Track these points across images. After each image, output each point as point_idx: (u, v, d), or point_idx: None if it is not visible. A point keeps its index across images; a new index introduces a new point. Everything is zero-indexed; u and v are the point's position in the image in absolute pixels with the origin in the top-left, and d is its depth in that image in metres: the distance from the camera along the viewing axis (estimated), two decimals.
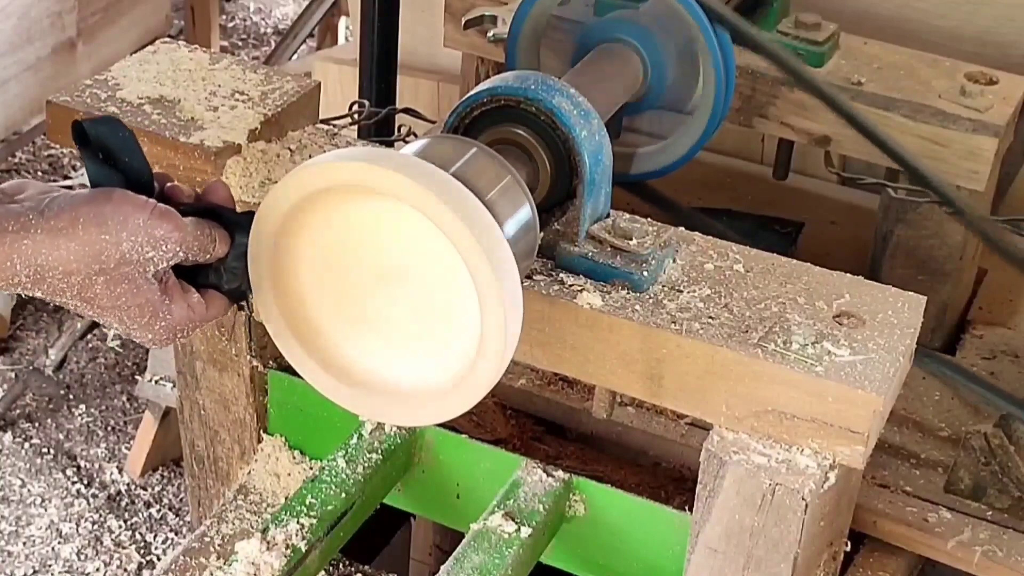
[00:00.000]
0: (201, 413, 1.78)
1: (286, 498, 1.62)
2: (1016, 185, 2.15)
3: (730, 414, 1.36)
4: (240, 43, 4.61)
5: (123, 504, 2.85)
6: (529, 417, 1.82)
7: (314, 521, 1.54)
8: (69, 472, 2.91)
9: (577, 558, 1.62)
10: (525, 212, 1.32)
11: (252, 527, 1.68)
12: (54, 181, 3.68)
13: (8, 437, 2.98)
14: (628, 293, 1.40)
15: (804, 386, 1.31)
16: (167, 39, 1.76)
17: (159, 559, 2.73)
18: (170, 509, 2.84)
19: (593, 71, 1.64)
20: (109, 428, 3.04)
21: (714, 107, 1.71)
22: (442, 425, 1.58)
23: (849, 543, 1.56)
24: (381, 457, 1.63)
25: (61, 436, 3.01)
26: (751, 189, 2.30)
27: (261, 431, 1.76)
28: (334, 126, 1.81)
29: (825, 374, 1.31)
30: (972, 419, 1.81)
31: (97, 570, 2.71)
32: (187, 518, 2.80)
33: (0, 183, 1.23)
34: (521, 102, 1.40)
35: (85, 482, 2.89)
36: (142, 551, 2.75)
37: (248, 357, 1.68)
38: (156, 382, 2.70)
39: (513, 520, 1.52)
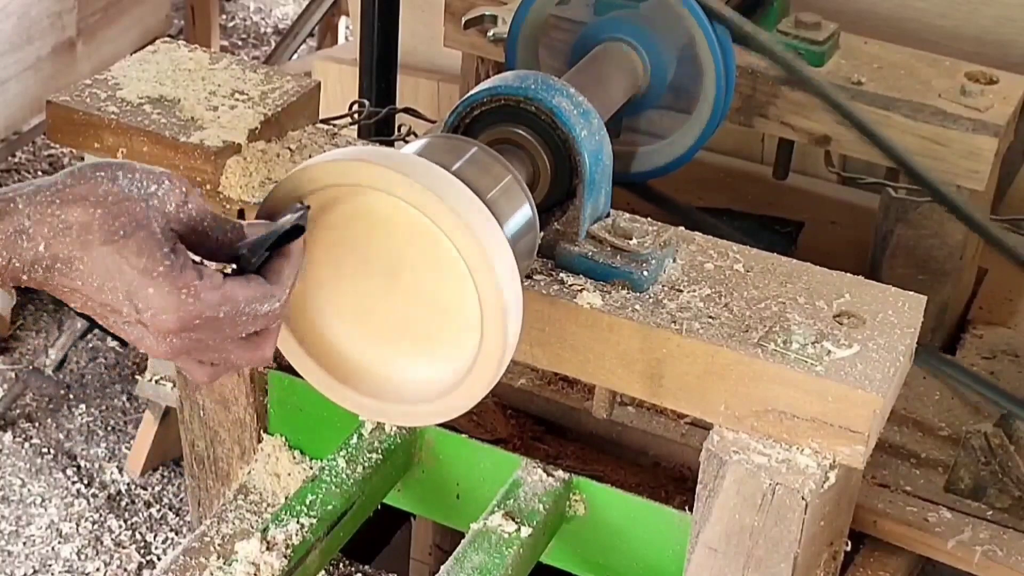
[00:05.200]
0: (201, 413, 1.78)
1: (286, 498, 1.62)
2: (1016, 185, 2.15)
3: (730, 414, 1.36)
4: (240, 43, 4.60)
5: (123, 504, 2.85)
6: (529, 417, 1.82)
7: (314, 521, 1.54)
8: (69, 472, 2.90)
9: (577, 558, 1.62)
10: (525, 212, 1.32)
11: (252, 527, 1.68)
12: None
13: (8, 437, 2.98)
14: (628, 293, 1.40)
15: (804, 386, 1.31)
16: (167, 39, 1.76)
17: (159, 559, 2.73)
18: (170, 509, 2.84)
19: (593, 71, 1.64)
20: (109, 428, 3.03)
21: (714, 107, 1.71)
22: (442, 425, 1.58)
23: (849, 543, 1.56)
24: (381, 457, 1.63)
25: (61, 436, 3.00)
26: (751, 189, 2.30)
27: (261, 431, 1.76)
28: (334, 126, 1.81)
29: (825, 374, 1.31)
30: (972, 419, 1.81)
31: (97, 570, 2.70)
32: (187, 518, 2.79)
33: (0, 182, 1.21)
34: (521, 102, 1.40)
35: (85, 482, 2.89)
36: (142, 551, 2.75)
37: None
38: (156, 382, 2.69)
39: (513, 520, 1.52)
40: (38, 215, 1.08)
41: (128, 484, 2.89)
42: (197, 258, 1.14)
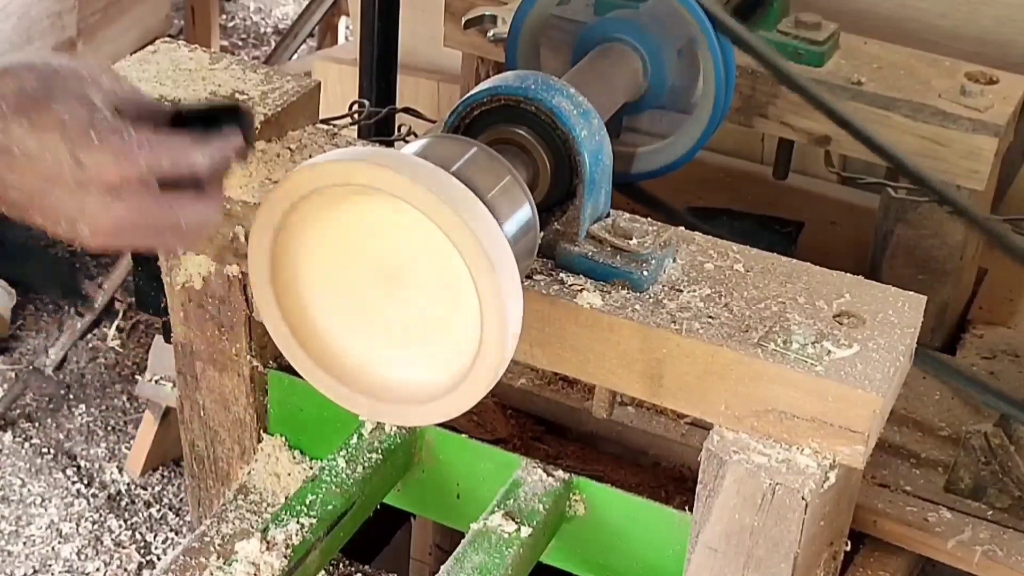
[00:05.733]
0: (201, 413, 1.78)
1: (286, 498, 1.62)
2: (1016, 185, 2.15)
3: (730, 414, 1.36)
4: (240, 43, 4.61)
5: (123, 504, 2.85)
6: (529, 417, 1.82)
7: (314, 521, 1.54)
8: (69, 472, 2.91)
9: (577, 558, 1.62)
10: (525, 212, 1.32)
11: (252, 527, 1.68)
12: None
13: (8, 437, 2.98)
14: (628, 293, 1.40)
15: (804, 386, 1.31)
16: (167, 39, 1.76)
17: (159, 559, 2.73)
18: (170, 509, 2.84)
19: (593, 71, 1.64)
20: (109, 428, 3.04)
21: (714, 107, 1.71)
22: (442, 425, 1.58)
23: (849, 543, 1.56)
24: (381, 457, 1.63)
25: (61, 436, 3.01)
26: (751, 189, 2.30)
27: (261, 431, 1.76)
28: (334, 126, 1.81)
29: (825, 374, 1.31)
30: (972, 419, 1.80)
31: (97, 570, 2.71)
32: (187, 518, 2.80)
33: None
34: (521, 102, 1.40)
35: (85, 482, 2.89)
36: (142, 551, 2.75)
37: (248, 357, 1.68)
38: (156, 382, 2.70)
39: (513, 520, 1.52)
40: None
41: (128, 484, 2.89)
42: None
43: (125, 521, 2.80)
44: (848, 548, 1.56)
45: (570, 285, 1.40)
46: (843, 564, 1.59)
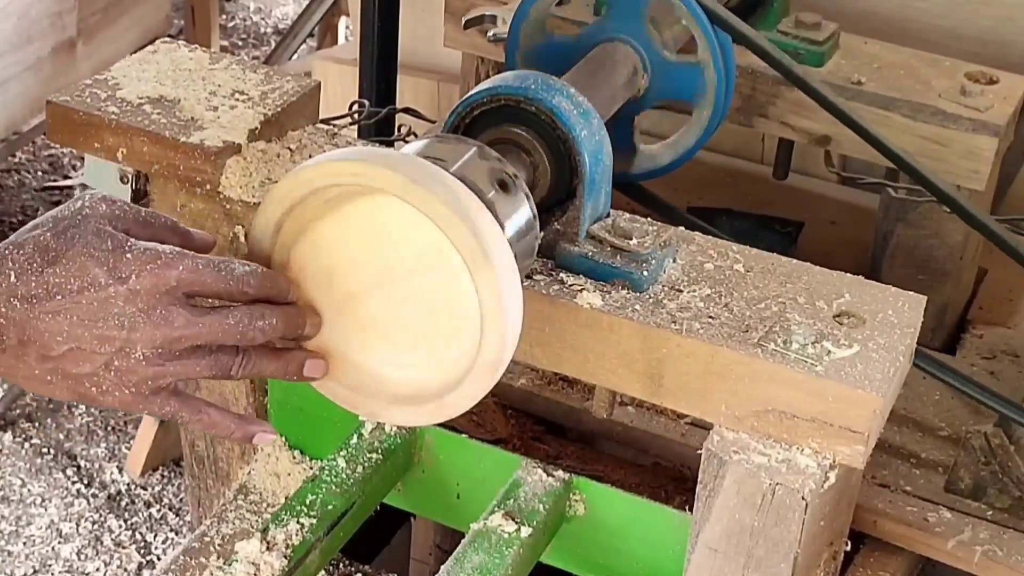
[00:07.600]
0: None
1: (286, 498, 1.62)
2: (1016, 185, 2.15)
3: (730, 414, 1.36)
4: (240, 43, 4.60)
5: (123, 504, 2.85)
6: (529, 417, 1.82)
7: (314, 521, 1.54)
8: (69, 472, 2.90)
9: (577, 558, 1.62)
10: (525, 212, 1.32)
11: (252, 527, 1.68)
12: (54, 181, 3.68)
13: (8, 437, 2.98)
14: (628, 293, 1.40)
15: (804, 386, 1.31)
16: (167, 39, 1.76)
17: (159, 559, 2.73)
18: (170, 509, 2.84)
19: (593, 71, 1.64)
20: (109, 428, 3.03)
21: (714, 107, 1.71)
22: (442, 425, 1.58)
23: (849, 543, 1.56)
24: (381, 457, 1.63)
25: (61, 436, 3.00)
26: (751, 189, 2.30)
27: None
28: (334, 126, 1.81)
29: (825, 374, 1.31)
30: (972, 419, 1.81)
31: (97, 570, 2.70)
32: (187, 518, 2.79)
33: (0, 182, 1.22)
34: (521, 102, 1.40)
35: (85, 482, 2.89)
36: (142, 551, 2.75)
37: None
38: None
39: (513, 520, 1.52)
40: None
41: (128, 484, 2.89)
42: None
43: (125, 521, 2.80)
44: (848, 548, 1.56)
45: (570, 285, 1.40)
46: (843, 564, 1.59)
